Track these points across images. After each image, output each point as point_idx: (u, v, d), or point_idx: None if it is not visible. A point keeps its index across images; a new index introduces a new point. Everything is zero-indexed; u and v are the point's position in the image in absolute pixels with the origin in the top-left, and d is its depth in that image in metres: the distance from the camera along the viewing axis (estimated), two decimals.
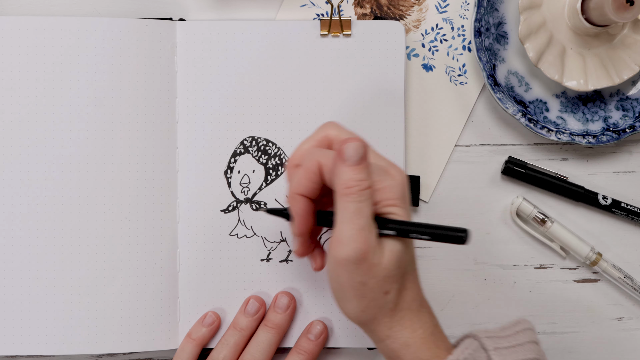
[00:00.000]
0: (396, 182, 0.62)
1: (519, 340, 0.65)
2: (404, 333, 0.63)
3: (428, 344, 0.63)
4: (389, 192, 0.62)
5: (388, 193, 0.62)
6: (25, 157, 0.75)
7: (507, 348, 0.64)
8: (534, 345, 0.65)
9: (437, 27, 0.79)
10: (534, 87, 0.78)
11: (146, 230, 0.76)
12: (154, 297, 0.76)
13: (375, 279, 0.61)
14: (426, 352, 0.63)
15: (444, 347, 0.64)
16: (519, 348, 0.64)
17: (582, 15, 0.73)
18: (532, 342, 0.65)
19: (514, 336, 0.65)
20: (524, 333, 0.66)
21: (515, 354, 0.64)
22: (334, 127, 0.66)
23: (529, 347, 0.64)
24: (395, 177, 0.62)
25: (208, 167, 0.77)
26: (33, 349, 0.75)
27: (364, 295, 0.62)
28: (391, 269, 0.61)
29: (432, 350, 0.63)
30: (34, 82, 0.75)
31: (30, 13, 0.77)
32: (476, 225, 0.80)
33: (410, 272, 0.64)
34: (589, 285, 0.81)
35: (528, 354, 0.64)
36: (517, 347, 0.64)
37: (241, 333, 0.76)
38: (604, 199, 0.79)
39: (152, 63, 0.76)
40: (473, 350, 0.63)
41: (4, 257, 0.75)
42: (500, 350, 0.63)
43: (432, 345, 0.63)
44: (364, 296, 0.62)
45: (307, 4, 0.79)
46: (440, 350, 0.63)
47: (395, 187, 0.62)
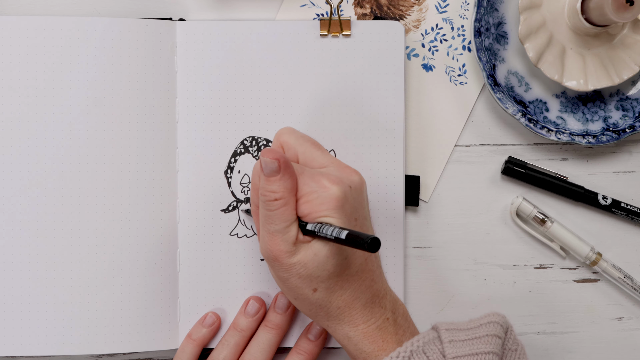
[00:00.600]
0: (328, 194, 0.65)
1: (479, 333, 0.67)
2: (343, 327, 0.67)
3: (372, 338, 0.67)
4: (316, 205, 0.65)
5: (316, 205, 0.65)
6: (25, 156, 0.75)
7: (464, 340, 0.66)
8: (494, 339, 0.66)
9: (437, 27, 0.79)
10: (534, 87, 0.78)
11: (146, 230, 0.76)
12: (154, 297, 0.76)
13: (295, 277, 0.66)
14: (368, 345, 0.67)
15: (393, 340, 0.67)
16: (476, 341, 0.66)
17: (582, 15, 0.73)
18: (493, 336, 0.67)
19: (475, 329, 0.67)
20: (487, 326, 0.67)
21: (470, 346, 0.66)
22: (287, 133, 0.70)
23: (486, 340, 0.66)
24: (327, 189, 0.65)
25: (208, 167, 0.77)
26: (33, 349, 0.75)
27: (290, 289, 0.67)
28: (313, 270, 0.65)
29: (376, 344, 0.67)
30: (33, 82, 0.75)
31: (29, 13, 0.77)
32: (476, 225, 0.80)
33: (351, 274, 0.67)
34: (589, 285, 0.81)
35: (483, 347, 0.66)
36: (475, 340, 0.66)
37: (241, 334, 0.76)
38: (604, 199, 0.79)
39: (152, 63, 0.76)
40: (426, 341, 0.66)
41: (3, 258, 0.75)
42: (455, 343, 0.66)
43: (377, 339, 0.67)
44: (291, 289, 0.67)
45: (307, 4, 0.79)
46: (387, 343, 0.67)
47: (324, 199, 0.65)
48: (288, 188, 0.65)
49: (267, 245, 0.66)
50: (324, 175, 0.67)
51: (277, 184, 0.65)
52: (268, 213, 0.65)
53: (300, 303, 0.68)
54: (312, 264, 0.65)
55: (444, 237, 0.80)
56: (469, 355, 0.65)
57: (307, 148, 0.70)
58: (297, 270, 0.66)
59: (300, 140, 0.70)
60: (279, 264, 0.66)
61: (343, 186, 0.66)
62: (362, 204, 0.68)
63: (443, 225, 0.80)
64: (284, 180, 0.65)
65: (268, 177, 0.65)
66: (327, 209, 0.65)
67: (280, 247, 0.65)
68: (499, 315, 0.69)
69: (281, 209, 0.65)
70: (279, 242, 0.65)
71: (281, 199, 0.65)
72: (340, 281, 0.67)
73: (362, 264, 0.67)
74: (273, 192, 0.65)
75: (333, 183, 0.66)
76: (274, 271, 0.68)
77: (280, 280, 0.67)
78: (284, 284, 0.67)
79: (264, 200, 0.66)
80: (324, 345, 0.77)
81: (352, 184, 0.67)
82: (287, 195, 0.65)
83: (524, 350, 0.69)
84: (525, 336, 0.80)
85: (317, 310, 0.68)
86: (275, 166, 0.65)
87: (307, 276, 0.66)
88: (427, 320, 0.79)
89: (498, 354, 0.66)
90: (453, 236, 0.80)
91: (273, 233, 0.65)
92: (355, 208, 0.67)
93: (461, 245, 0.80)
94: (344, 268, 0.66)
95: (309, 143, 0.70)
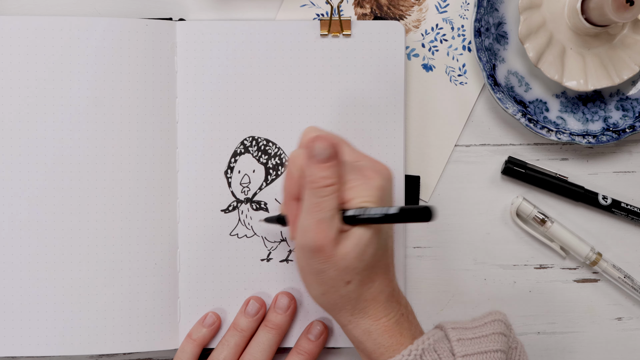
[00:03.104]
0: (370, 183, 0.65)
1: (485, 331, 0.67)
2: (366, 321, 0.67)
3: (391, 332, 0.67)
4: (361, 191, 0.65)
5: (359, 192, 0.65)
6: (25, 156, 0.75)
7: (471, 339, 0.66)
8: (500, 337, 0.67)
9: (437, 27, 0.79)
10: (534, 87, 0.78)
11: (146, 230, 0.76)
12: (154, 297, 0.76)
13: (334, 269, 0.65)
14: (387, 339, 0.67)
15: (409, 335, 0.67)
16: (483, 339, 0.67)
17: (582, 15, 0.73)
18: (499, 334, 0.67)
19: (480, 327, 0.68)
20: (492, 324, 0.68)
21: (478, 344, 0.66)
22: (314, 131, 0.70)
23: (493, 338, 0.67)
24: (370, 178, 0.66)
25: (208, 167, 0.77)
26: (33, 349, 0.75)
27: (324, 282, 0.66)
28: (352, 261, 0.65)
29: (394, 338, 0.67)
30: (33, 82, 0.75)
31: (30, 13, 0.77)
32: (476, 225, 0.80)
33: (381, 266, 0.67)
34: (589, 285, 0.81)
35: (491, 345, 0.66)
36: (482, 338, 0.67)
37: (241, 334, 0.76)
38: (604, 199, 0.79)
39: (152, 63, 0.76)
40: (435, 340, 0.66)
41: (3, 258, 0.75)
42: (463, 341, 0.66)
43: (395, 333, 0.67)
44: (324, 282, 0.66)
45: (307, 4, 0.79)
46: (404, 338, 0.67)
47: (367, 186, 0.65)
48: (338, 175, 0.65)
49: (312, 234, 0.64)
50: (364, 167, 0.67)
51: (330, 170, 0.64)
52: (318, 200, 0.64)
53: (329, 297, 0.67)
54: (352, 254, 0.64)
55: (444, 237, 0.80)
56: (478, 354, 0.65)
57: (338, 142, 0.69)
58: (336, 261, 0.64)
59: (331, 135, 0.69)
60: (320, 255, 0.64)
61: (383, 178, 0.66)
62: (392, 196, 0.69)
63: (443, 225, 0.80)
64: (336, 167, 0.65)
65: (321, 163, 0.64)
66: (370, 195, 0.65)
67: (328, 235, 0.64)
68: (501, 314, 0.69)
69: (332, 195, 0.64)
70: (326, 229, 0.64)
71: (334, 185, 0.64)
72: (371, 273, 0.66)
73: (389, 258, 0.68)
74: (326, 178, 0.64)
75: (375, 173, 0.66)
76: (309, 264, 0.66)
77: (315, 273, 0.66)
78: (316, 277, 0.66)
79: (315, 187, 0.64)
80: (324, 345, 0.77)
81: (387, 177, 0.67)
82: (337, 182, 0.65)
83: (524, 348, 0.69)
84: (525, 336, 0.80)
85: (345, 303, 0.67)
86: (330, 152, 0.64)
87: (345, 268, 0.65)
88: (428, 320, 0.79)
89: (505, 352, 0.66)
90: (453, 236, 0.80)
91: (321, 221, 0.64)
92: (390, 200, 0.68)
93: (461, 245, 0.80)
94: (377, 259, 0.66)
95: (338, 138, 0.70)
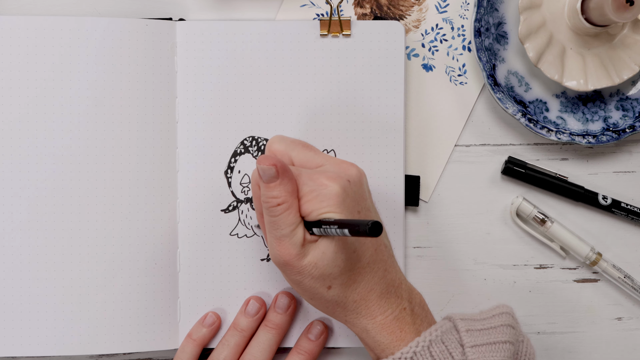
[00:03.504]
0: (327, 192, 0.65)
1: (493, 323, 0.67)
2: (362, 320, 0.67)
3: (389, 329, 0.67)
4: (317, 203, 0.65)
5: (316, 204, 0.65)
6: (25, 156, 0.75)
7: (480, 330, 0.66)
8: (509, 329, 0.67)
9: (437, 27, 0.79)
10: (534, 87, 0.78)
11: (146, 230, 0.76)
12: (154, 297, 0.76)
13: (309, 278, 0.66)
14: (386, 336, 0.67)
15: (411, 330, 0.67)
16: (492, 330, 0.67)
17: (582, 15, 0.73)
18: (507, 326, 0.67)
19: (489, 319, 0.68)
20: (500, 317, 0.68)
21: (487, 336, 0.66)
22: (277, 141, 0.70)
23: (502, 330, 0.67)
24: (326, 187, 0.65)
25: (208, 167, 0.77)
26: (33, 349, 0.75)
27: (305, 290, 0.67)
28: (325, 269, 0.65)
29: (394, 335, 0.67)
30: (33, 82, 0.75)
31: (30, 13, 0.77)
32: (476, 225, 0.80)
33: (363, 266, 0.67)
34: (589, 285, 0.81)
35: (500, 337, 0.66)
36: (490, 330, 0.67)
37: (242, 333, 0.76)
38: (604, 199, 0.79)
39: (152, 63, 0.76)
40: (444, 331, 0.66)
41: (3, 258, 0.75)
42: (472, 332, 0.66)
43: (394, 330, 0.67)
44: (306, 291, 0.67)
45: (307, 4, 0.79)
46: (405, 333, 0.67)
47: (325, 196, 0.65)
48: (289, 191, 0.65)
49: (276, 251, 0.66)
50: (322, 173, 0.67)
51: (277, 189, 0.65)
52: (272, 219, 0.65)
53: (317, 302, 0.68)
54: (323, 263, 0.65)
55: (444, 237, 0.80)
56: (487, 345, 0.65)
57: (299, 151, 0.69)
58: (309, 272, 0.65)
59: (292, 145, 0.70)
60: (291, 268, 0.66)
61: (341, 181, 0.66)
62: (363, 196, 0.68)
63: (443, 225, 0.80)
64: (283, 185, 0.65)
65: (267, 184, 0.65)
66: (328, 205, 0.65)
67: (290, 251, 0.65)
68: (508, 307, 0.69)
69: (285, 213, 0.65)
70: (287, 246, 0.65)
71: (284, 203, 0.65)
72: (353, 275, 0.66)
73: (372, 255, 0.67)
74: (274, 197, 0.65)
75: (331, 180, 0.66)
76: (286, 275, 0.67)
77: (294, 283, 0.67)
78: (298, 287, 0.67)
79: (266, 207, 0.65)
80: (324, 345, 0.77)
81: (350, 177, 0.67)
82: (289, 199, 0.65)
83: (530, 342, 0.69)
84: None
85: (334, 307, 0.68)
86: (273, 172, 0.64)
87: (320, 275, 0.65)
88: None
89: (513, 344, 0.67)
90: (453, 236, 0.80)
91: (280, 238, 0.65)
92: (357, 201, 0.67)
93: (461, 245, 0.80)
94: (355, 261, 0.66)
95: (300, 146, 0.70)
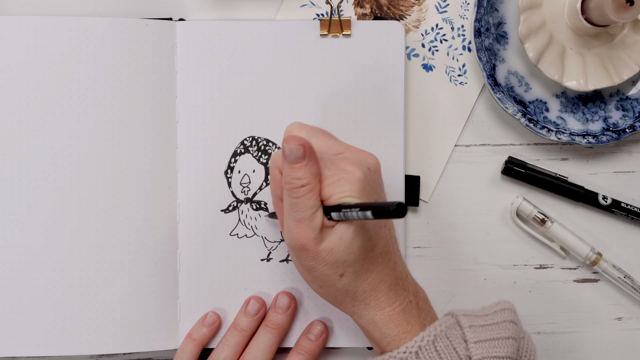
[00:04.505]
0: (348, 177, 0.65)
1: (496, 319, 0.67)
2: (370, 311, 0.67)
3: (397, 321, 0.67)
4: (339, 186, 0.65)
5: (338, 187, 0.65)
6: (25, 156, 0.75)
7: (483, 326, 0.66)
8: (511, 325, 0.67)
9: (437, 27, 0.79)
10: (534, 87, 0.78)
11: (146, 230, 0.76)
12: (154, 297, 0.76)
13: (322, 264, 0.65)
14: (393, 328, 0.67)
15: (417, 323, 0.67)
16: (495, 326, 0.67)
17: (582, 15, 0.73)
18: (509, 322, 0.67)
19: (491, 315, 0.68)
20: (502, 313, 0.68)
21: (490, 331, 0.66)
22: (297, 128, 0.69)
23: (504, 325, 0.67)
24: (348, 172, 0.65)
25: (208, 167, 0.77)
26: (33, 349, 0.75)
27: (317, 277, 0.66)
28: (340, 255, 0.65)
29: (401, 327, 0.67)
30: (34, 82, 0.75)
31: (30, 13, 0.77)
32: (476, 225, 0.80)
33: (376, 255, 0.67)
34: (589, 285, 0.81)
35: (503, 333, 0.66)
36: (493, 326, 0.67)
37: (242, 333, 0.76)
38: (604, 199, 0.79)
39: (152, 63, 0.76)
40: (447, 326, 0.66)
41: (3, 258, 0.75)
42: (475, 328, 0.66)
43: (401, 322, 0.67)
44: (317, 278, 0.66)
45: (307, 4, 0.79)
46: (411, 326, 0.67)
47: (346, 181, 0.65)
48: (313, 173, 0.64)
49: (294, 234, 0.65)
50: (343, 159, 0.66)
51: (303, 170, 0.64)
52: (294, 201, 0.64)
53: (327, 290, 0.68)
54: (339, 249, 0.65)
55: (444, 237, 0.80)
56: (490, 340, 0.65)
57: (319, 138, 0.69)
58: (324, 257, 0.65)
59: (312, 132, 0.69)
60: (306, 253, 0.65)
61: (363, 168, 0.66)
62: (380, 185, 0.68)
63: (443, 225, 0.80)
64: (309, 166, 0.64)
65: (293, 164, 0.64)
66: (350, 189, 0.64)
67: (308, 235, 0.64)
68: (509, 303, 0.69)
69: (308, 194, 0.64)
70: (306, 229, 0.64)
71: (308, 185, 0.64)
72: (366, 264, 0.66)
73: (385, 246, 0.67)
74: (299, 178, 0.64)
75: (354, 166, 0.65)
76: (299, 261, 0.66)
77: (307, 270, 0.66)
78: (310, 273, 0.67)
79: (289, 188, 0.64)
80: (324, 345, 0.77)
81: (370, 166, 0.67)
82: (313, 181, 0.64)
83: (531, 339, 0.69)
84: None
85: (344, 296, 0.67)
86: (301, 152, 0.64)
87: (334, 262, 0.65)
88: None
89: (516, 339, 0.67)
90: (453, 236, 0.80)
91: (300, 221, 0.64)
92: (375, 190, 0.67)
93: (461, 245, 0.80)
94: (369, 250, 0.66)
95: (320, 133, 0.69)
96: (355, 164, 0.66)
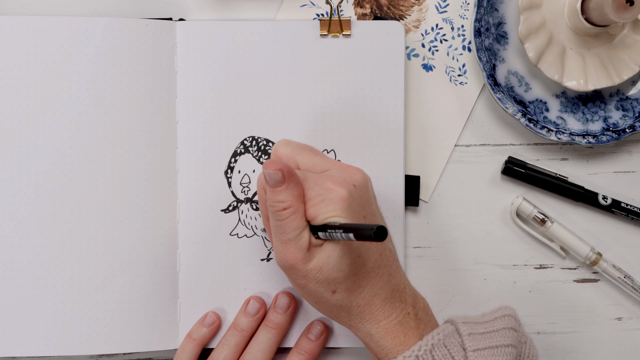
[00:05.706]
0: (333, 196, 0.65)
1: (496, 326, 0.67)
2: (366, 325, 0.67)
3: (393, 334, 0.67)
4: (323, 207, 0.65)
5: (322, 208, 0.65)
6: (25, 156, 0.75)
7: (482, 334, 0.66)
8: (511, 332, 0.67)
9: (437, 27, 0.79)
10: (534, 87, 0.78)
11: (146, 230, 0.76)
12: (154, 297, 0.76)
13: (313, 282, 0.66)
14: (390, 341, 0.67)
15: (415, 335, 0.67)
16: (494, 334, 0.67)
17: (582, 15, 0.73)
18: (509, 329, 0.67)
19: (491, 322, 0.68)
20: (502, 319, 0.68)
21: (489, 339, 0.66)
22: (283, 145, 0.70)
23: (504, 333, 0.67)
24: (333, 191, 0.65)
25: (208, 167, 0.77)
26: (33, 349, 0.75)
27: (310, 294, 0.67)
28: (329, 273, 0.65)
29: (397, 339, 0.67)
30: (34, 82, 0.75)
31: (30, 13, 0.77)
32: (476, 225, 0.80)
33: (368, 270, 0.67)
34: (589, 285, 0.81)
35: (502, 340, 0.66)
36: (493, 333, 0.67)
37: (242, 333, 0.76)
38: (604, 199, 0.79)
39: (152, 63, 0.76)
40: (446, 335, 0.66)
41: (3, 258, 0.75)
42: (474, 336, 0.66)
43: (398, 334, 0.67)
44: (310, 294, 0.67)
45: (307, 4, 0.79)
46: (409, 338, 0.67)
47: (331, 200, 0.65)
48: (295, 196, 0.65)
49: (281, 255, 0.66)
50: (328, 178, 0.67)
51: (283, 193, 0.65)
52: (279, 223, 0.65)
53: (321, 306, 0.68)
54: (327, 267, 0.65)
55: (444, 237, 0.80)
56: (489, 349, 0.65)
57: (305, 156, 0.70)
58: (314, 276, 0.65)
59: (298, 149, 0.70)
60: (296, 272, 0.66)
61: (348, 186, 0.66)
62: (368, 201, 0.68)
63: (443, 225, 0.80)
64: (290, 189, 0.65)
65: (274, 188, 0.65)
66: (334, 209, 0.65)
67: (296, 255, 0.65)
68: (510, 309, 0.69)
69: (291, 217, 0.65)
70: (293, 250, 0.65)
71: (290, 208, 0.65)
72: (357, 280, 0.67)
73: (377, 260, 0.67)
74: (281, 202, 0.65)
75: (338, 184, 0.66)
76: (291, 279, 0.68)
77: (299, 287, 0.67)
78: (303, 290, 0.67)
79: (272, 211, 0.65)
80: (324, 345, 0.77)
81: (356, 182, 0.67)
82: (295, 203, 0.65)
83: (532, 343, 0.69)
84: None
85: (339, 311, 0.68)
86: (279, 176, 0.64)
87: (325, 280, 0.65)
88: None
89: (516, 347, 0.67)
90: (453, 236, 0.80)
91: (286, 242, 0.65)
92: (362, 206, 0.67)
93: (461, 245, 0.80)
94: (359, 266, 0.66)
95: (306, 151, 0.70)
96: (340, 182, 0.66)
